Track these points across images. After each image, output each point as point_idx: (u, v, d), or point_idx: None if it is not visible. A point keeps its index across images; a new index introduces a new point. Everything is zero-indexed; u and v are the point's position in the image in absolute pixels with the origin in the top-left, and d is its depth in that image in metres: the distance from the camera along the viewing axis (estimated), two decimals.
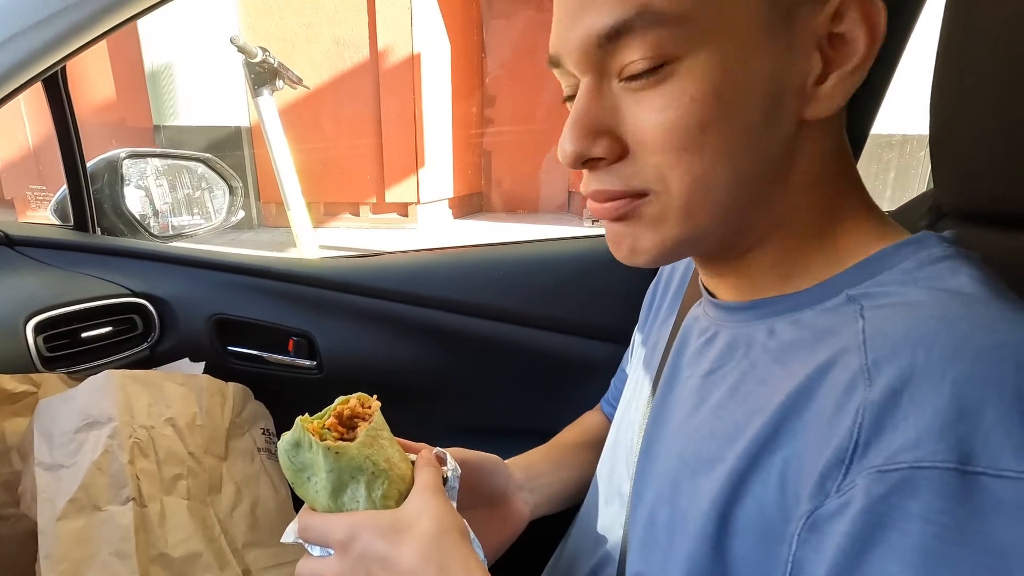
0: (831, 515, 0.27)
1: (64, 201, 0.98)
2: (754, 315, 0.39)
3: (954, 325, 0.27)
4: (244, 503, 0.76)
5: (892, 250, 0.34)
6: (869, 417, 0.27)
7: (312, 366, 0.94)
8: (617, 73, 0.33)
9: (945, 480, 0.24)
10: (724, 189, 0.34)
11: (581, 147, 0.34)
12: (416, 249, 1.03)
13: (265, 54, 2.31)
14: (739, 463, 0.33)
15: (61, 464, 0.62)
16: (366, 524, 0.38)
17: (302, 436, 0.40)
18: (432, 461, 0.44)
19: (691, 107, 0.31)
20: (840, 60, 0.33)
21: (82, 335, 0.82)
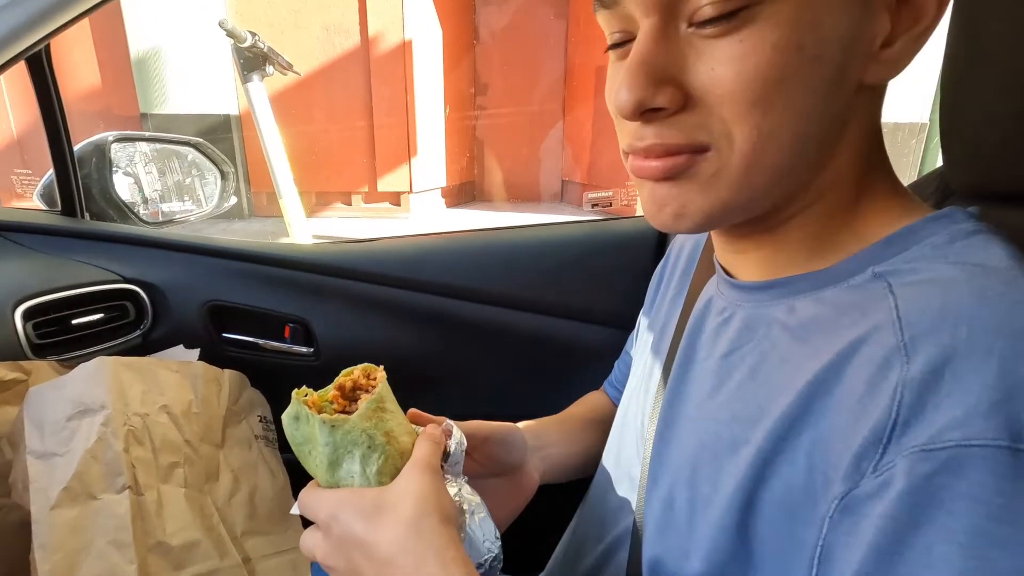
0: (868, 496, 0.26)
1: (51, 186, 0.95)
2: (773, 295, 0.38)
3: (994, 302, 0.27)
4: (242, 491, 0.75)
5: (920, 225, 0.33)
6: (909, 395, 0.26)
7: (309, 353, 0.92)
8: (688, 17, 0.31)
9: (996, 458, 0.23)
10: (787, 150, 0.32)
11: (642, 95, 0.31)
12: (415, 234, 1.02)
13: (255, 38, 2.27)
14: (765, 444, 0.32)
15: (54, 452, 0.61)
16: (347, 503, 0.37)
17: (300, 409, 0.40)
18: (433, 436, 0.42)
19: (773, 57, 0.29)
20: (908, 23, 0.31)
21: (72, 322, 0.80)
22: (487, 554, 0.42)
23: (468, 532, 0.41)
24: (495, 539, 0.42)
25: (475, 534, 0.42)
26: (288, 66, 2.48)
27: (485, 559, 0.42)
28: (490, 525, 0.43)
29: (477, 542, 0.42)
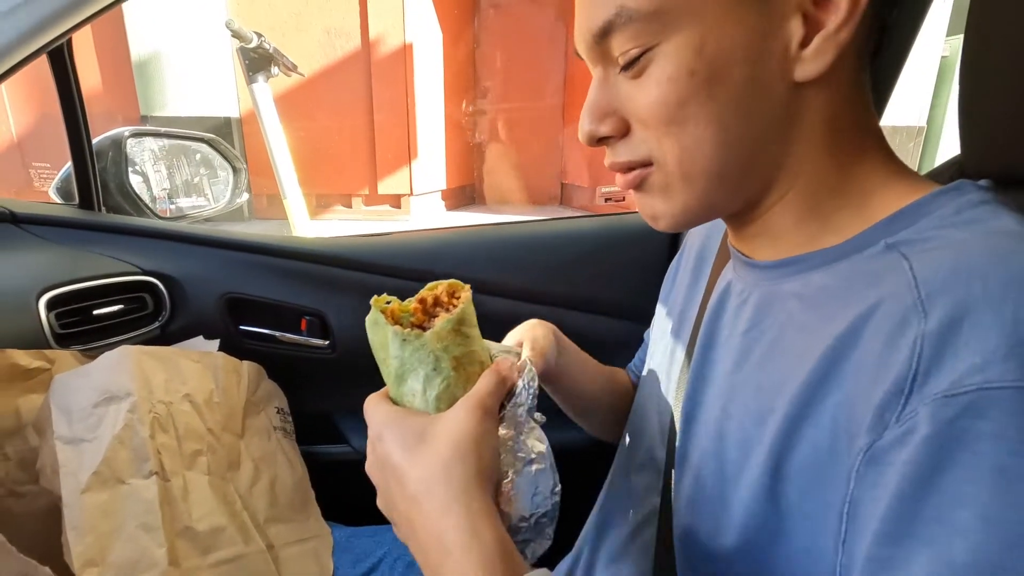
0: (891, 445, 0.27)
1: (68, 180, 0.96)
2: (788, 272, 0.39)
3: (1006, 259, 0.28)
4: (263, 480, 0.75)
5: (928, 199, 0.35)
6: (928, 347, 0.27)
7: (325, 345, 0.93)
8: (616, 63, 0.37)
9: (1017, 399, 0.24)
10: (714, 155, 0.36)
11: (590, 129, 0.40)
12: (430, 228, 1.03)
13: (260, 39, 2.27)
14: (790, 410, 0.33)
15: (82, 438, 0.61)
16: (395, 424, 0.38)
17: (378, 316, 0.39)
18: (500, 372, 0.40)
19: (669, 85, 0.35)
20: (824, 21, 0.34)
21: (93, 313, 0.80)
22: (535, 509, 0.39)
23: (516, 482, 0.38)
24: (550, 494, 0.39)
25: (524, 486, 0.38)
26: (293, 67, 2.49)
27: (531, 514, 0.39)
28: (548, 479, 0.39)
29: (524, 495, 0.38)
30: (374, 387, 1.08)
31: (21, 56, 0.70)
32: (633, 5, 0.34)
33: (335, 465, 0.94)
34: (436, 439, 0.36)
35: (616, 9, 0.35)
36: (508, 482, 0.38)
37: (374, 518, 0.87)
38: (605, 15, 0.35)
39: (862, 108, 0.38)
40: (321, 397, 0.96)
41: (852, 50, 0.35)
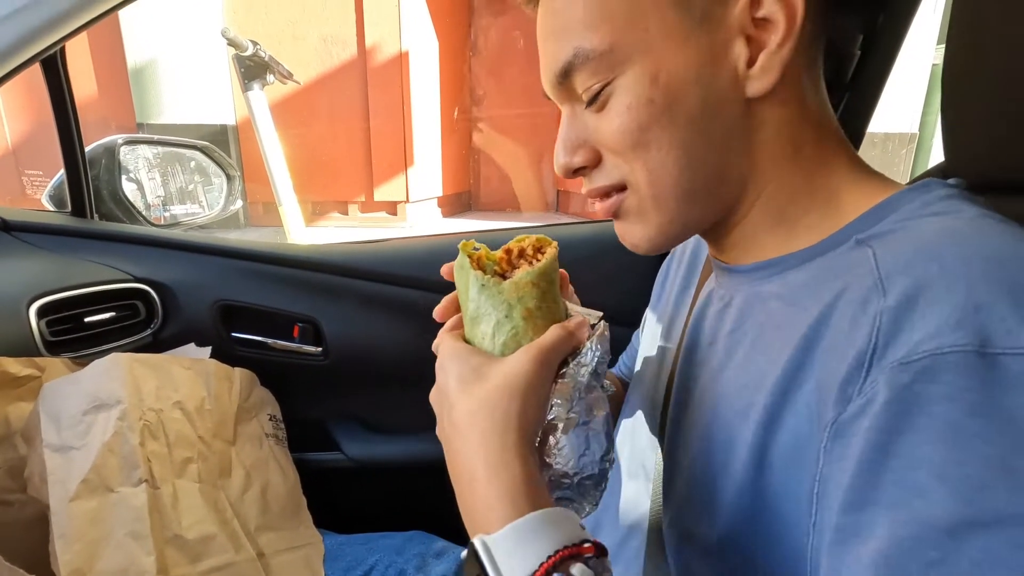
0: (854, 416, 0.28)
1: (61, 187, 0.96)
2: (767, 273, 0.40)
3: (963, 240, 0.30)
4: (254, 487, 0.75)
5: (897, 196, 0.36)
6: (887, 322, 0.28)
7: (318, 352, 0.93)
8: (580, 100, 0.40)
9: (967, 361, 0.25)
10: (680, 175, 0.38)
11: (565, 161, 0.42)
12: (424, 234, 1.03)
13: (256, 48, 2.29)
14: (769, 400, 0.35)
15: (71, 446, 0.61)
16: (457, 357, 0.39)
17: (464, 260, 0.41)
18: (568, 327, 0.40)
19: (629, 115, 0.38)
20: (766, 41, 0.36)
21: (85, 320, 0.80)
22: (579, 468, 0.39)
23: (563, 439, 0.39)
24: (599, 460, 0.39)
25: (572, 444, 0.39)
26: (288, 75, 2.50)
27: (575, 473, 0.39)
28: (600, 444, 0.39)
29: (571, 452, 0.39)
30: (366, 394, 1.07)
31: (13, 65, 0.71)
32: (588, 46, 0.37)
33: (327, 472, 0.94)
34: (490, 377, 0.37)
35: (573, 51, 0.38)
36: (555, 436, 0.39)
37: (366, 526, 0.87)
38: (565, 57, 0.38)
39: (820, 116, 0.40)
40: (313, 404, 0.96)
41: (800, 63, 0.38)
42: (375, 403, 0.97)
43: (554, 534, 0.32)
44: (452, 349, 0.40)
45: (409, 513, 0.92)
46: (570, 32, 0.38)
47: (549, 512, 0.33)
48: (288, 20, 5.13)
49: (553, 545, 0.31)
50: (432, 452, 0.95)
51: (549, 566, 0.30)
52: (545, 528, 0.32)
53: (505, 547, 0.32)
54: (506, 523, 0.32)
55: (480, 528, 0.34)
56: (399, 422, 0.97)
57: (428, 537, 0.82)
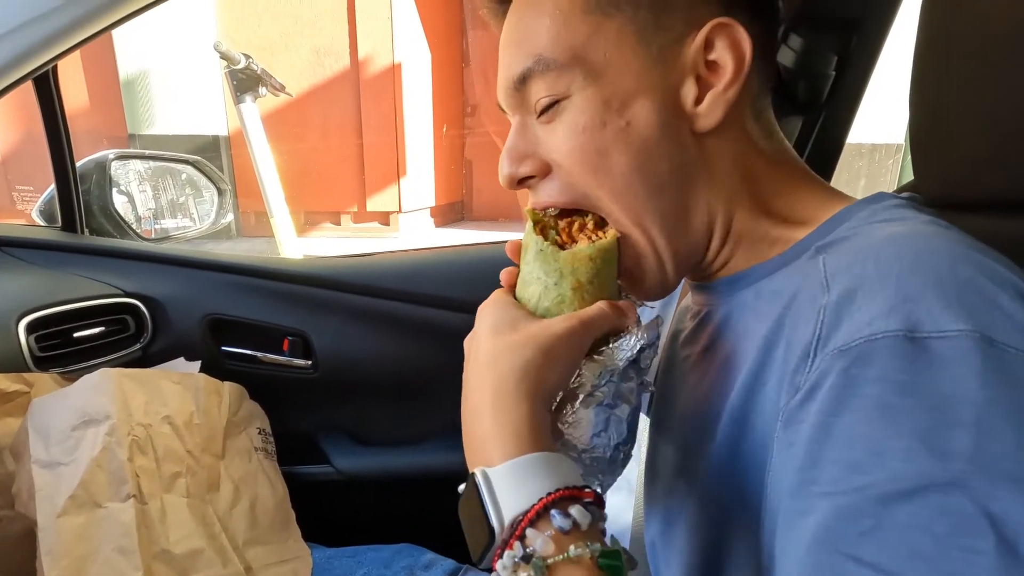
0: (801, 402, 0.30)
1: (51, 202, 0.96)
2: (740, 285, 0.42)
3: (897, 239, 0.33)
4: (243, 502, 0.75)
5: (851, 207, 0.39)
6: (829, 315, 0.31)
7: (307, 366, 0.94)
8: (533, 110, 0.41)
9: (897, 345, 0.27)
10: (648, 197, 0.40)
11: (510, 171, 0.42)
12: (412, 248, 1.04)
13: (248, 61, 2.30)
14: (737, 403, 0.36)
15: (59, 461, 0.62)
16: (498, 307, 0.40)
17: (530, 224, 0.42)
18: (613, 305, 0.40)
19: (585, 134, 0.39)
20: (714, 82, 0.39)
21: (74, 335, 0.81)
22: (590, 446, 0.39)
23: (580, 412, 0.39)
24: (613, 446, 0.39)
25: (588, 419, 0.39)
26: (281, 88, 2.51)
27: (584, 450, 0.39)
28: (618, 431, 0.39)
29: (585, 428, 0.39)
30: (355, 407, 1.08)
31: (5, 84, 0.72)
32: (549, 56, 0.39)
33: (316, 485, 0.94)
34: (522, 331, 0.38)
35: (534, 58, 0.39)
36: (573, 405, 0.39)
37: (355, 538, 0.87)
38: (525, 63, 0.39)
39: (772, 150, 0.42)
40: (303, 417, 0.97)
41: (746, 103, 0.40)
42: (364, 416, 0.98)
43: (555, 475, 0.32)
44: (496, 299, 0.42)
45: (398, 525, 0.92)
46: (533, 41, 0.39)
47: (553, 455, 0.34)
48: (281, 32, 5.16)
49: (554, 483, 0.32)
50: (422, 464, 0.96)
51: (548, 501, 0.31)
52: (547, 468, 0.33)
53: (505, 480, 0.32)
54: (508, 458, 0.33)
55: (481, 462, 0.34)
56: (388, 435, 0.98)
57: (416, 549, 0.83)
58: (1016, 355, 0.27)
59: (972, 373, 0.26)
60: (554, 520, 0.31)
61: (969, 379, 0.26)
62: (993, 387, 0.26)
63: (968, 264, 0.30)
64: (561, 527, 0.30)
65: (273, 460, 0.86)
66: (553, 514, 0.31)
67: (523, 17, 0.40)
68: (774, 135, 0.43)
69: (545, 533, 0.30)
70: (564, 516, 0.31)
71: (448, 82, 5.95)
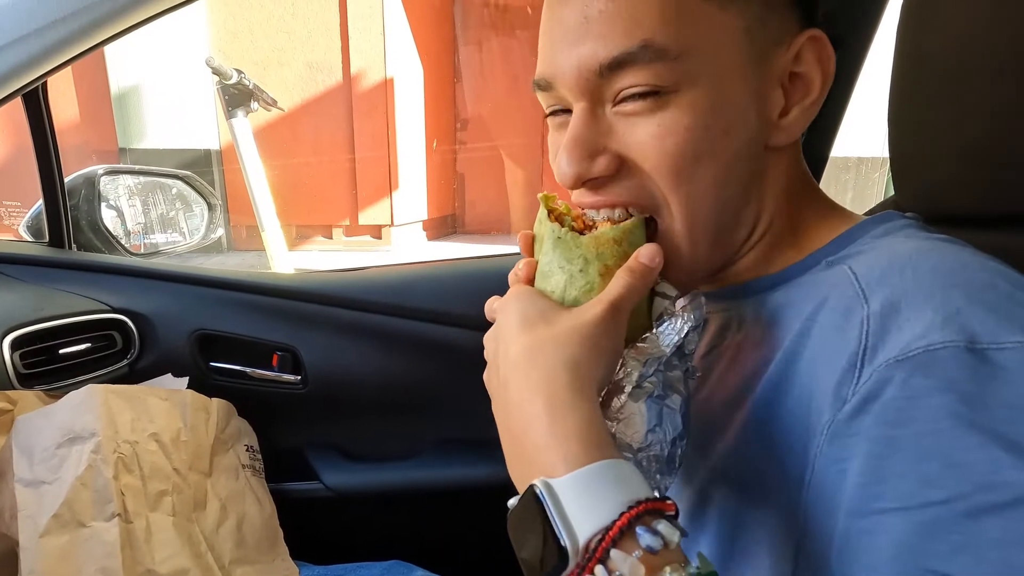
0: (851, 415, 0.29)
1: (39, 217, 0.96)
2: (744, 293, 0.42)
3: (928, 254, 0.33)
4: (230, 520, 0.74)
5: (861, 225, 0.39)
6: (874, 325, 0.30)
7: (297, 381, 0.93)
8: (612, 99, 0.36)
9: (959, 355, 0.27)
10: (715, 211, 0.37)
11: (580, 168, 0.37)
12: (402, 262, 1.04)
13: (240, 76, 2.31)
14: (752, 414, 0.36)
15: (42, 480, 0.61)
16: (523, 297, 0.36)
17: (543, 213, 0.39)
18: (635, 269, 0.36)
19: (687, 136, 0.35)
20: (798, 96, 0.38)
21: (59, 352, 0.80)
22: (644, 443, 0.35)
23: (629, 405, 0.35)
24: (669, 442, 0.35)
25: (638, 412, 0.35)
26: (272, 102, 2.52)
27: (639, 448, 0.35)
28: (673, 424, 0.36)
29: (639, 424, 0.35)
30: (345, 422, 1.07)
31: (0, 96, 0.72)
32: (661, 42, 0.33)
33: (305, 503, 0.93)
34: (556, 321, 0.34)
35: (641, 43, 0.33)
36: (620, 399, 0.35)
37: (344, 556, 0.86)
38: (625, 46, 0.34)
39: (803, 167, 0.42)
40: (292, 433, 0.96)
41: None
42: (354, 431, 0.97)
43: (630, 485, 0.28)
44: (519, 291, 0.37)
45: (388, 542, 0.91)
46: (637, 20, 0.33)
47: (624, 463, 0.30)
48: (273, 47, 5.19)
49: (631, 495, 0.28)
50: (412, 480, 0.95)
51: (631, 516, 0.27)
52: (621, 477, 0.29)
53: (576, 492, 0.28)
54: (576, 466, 0.28)
55: (539, 472, 0.30)
56: (378, 450, 0.97)
57: (407, 567, 0.82)
58: None
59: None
60: (641, 539, 0.26)
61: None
62: None
63: (1002, 276, 0.30)
64: (650, 547, 0.26)
65: (261, 477, 0.85)
66: (639, 532, 0.27)
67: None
68: (801, 151, 0.43)
69: (633, 555, 0.26)
70: (652, 534, 0.27)
71: (440, 97, 5.99)
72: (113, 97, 5.13)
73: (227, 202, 5.38)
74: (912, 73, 0.48)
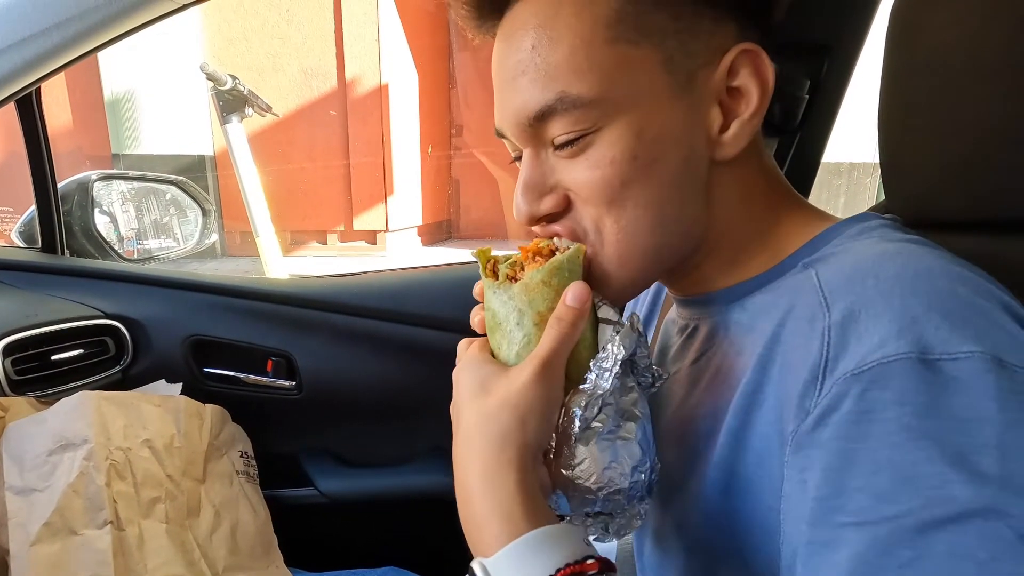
0: (813, 426, 0.30)
1: (31, 223, 0.95)
2: (725, 300, 0.42)
3: (892, 258, 0.33)
4: (224, 527, 0.74)
5: (837, 226, 0.39)
6: (835, 335, 0.30)
7: (291, 386, 0.93)
8: (550, 143, 0.38)
9: (912, 367, 0.28)
10: (652, 233, 0.39)
11: (532, 208, 0.40)
12: (397, 267, 1.04)
13: (235, 82, 2.31)
14: (734, 423, 0.36)
15: (33, 488, 0.60)
16: (468, 369, 0.38)
17: (480, 263, 0.38)
18: (563, 321, 0.36)
19: (613, 169, 0.37)
20: (738, 110, 0.38)
21: (52, 358, 0.79)
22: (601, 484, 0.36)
23: (580, 449, 0.36)
24: (630, 471, 0.36)
25: (590, 455, 0.35)
26: (267, 108, 2.52)
27: (600, 488, 0.36)
28: (631, 454, 0.36)
29: (591, 467, 0.35)
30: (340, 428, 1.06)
31: None
32: (575, 92, 0.36)
33: (300, 509, 0.93)
34: (492, 393, 0.36)
35: (557, 95, 0.36)
36: (570, 447, 0.36)
37: (339, 562, 0.86)
38: (543, 100, 0.36)
39: (768, 170, 0.43)
40: (287, 439, 0.95)
41: (756, 136, 0.40)
42: (349, 437, 0.97)
43: (554, 552, 0.31)
44: (467, 359, 0.39)
45: (383, 548, 0.91)
46: (552, 74, 0.36)
47: (548, 529, 0.32)
48: (268, 53, 5.19)
49: (554, 564, 0.30)
50: (407, 486, 0.95)
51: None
52: (544, 546, 0.31)
53: (504, 570, 0.31)
54: (503, 542, 0.31)
55: (478, 548, 0.33)
56: (373, 456, 0.97)
57: (402, 573, 0.81)
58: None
59: (989, 395, 0.26)
60: None
61: (987, 400, 0.26)
62: (1011, 408, 0.26)
63: (964, 283, 0.30)
64: None
65: (255, 484, 0.84)
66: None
67: (534, 45, 0.37)
68: (768, 155, 0.43)
69: None
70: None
71: (435, 103, 6.01)
72: (106, 103, 5.12)
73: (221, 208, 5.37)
74: (902, 79, 0.48)
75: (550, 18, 0.36)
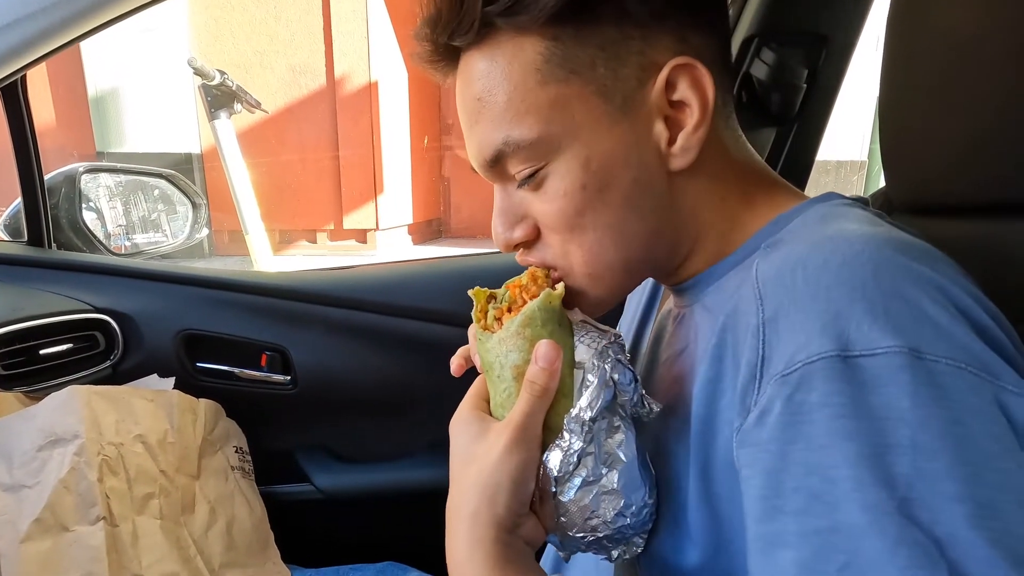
0: (753, 426, 0.31)
1: (17, 216, 0.93)
2: (702, 285, 0.43)
3: (822, 245, 0.33)
4: (219, 523, 0.73)
5: (801, 206, 0.40)
6: (768, 333, 0.31)
7: (286, 381, 0.91)
8: (512, 179, 0.41)
9: (833, 367, 0.28)
10: (616, 252, 0.40)
11: (507, 236, 0.42)
12: (392, 260, 1.03)
13: (223, 77, 2.28)
14: (702, 411, 0.36)
15: (23, 484, 0.59)
16: (456, 427, 0.40)
17: (475, 303, 0.39)
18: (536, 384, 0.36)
19: (566, 200, 0.39)
20: (684, 122, 0.39)
21: (40, 352, 0.77)
22: (584, 533, 0.36)
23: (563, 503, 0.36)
24: (610, 520, 0.36)
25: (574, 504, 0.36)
26: (256, 104, 2.50)
27: (586, 535, 0.36)
28: (611, 504, 0.36)
29: (575, 515, 0.36)
30: (336, 423, 1.06)
31: None
32: (516, 135, 0.38)
33: (296, 505, 0.92)
34: (472, 462, 0.37)
35: (503, 139, 0.39)
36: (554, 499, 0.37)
37: (337, 558, 0.85)
38: (494, 144, 0.39)
39: (739, 163, 0.43)
40: (282, 434, 0.94)
41: (719, 126, 0.40)
42: (345, 432, 0.96)
43: None
44: (460, 411, 0.41)
45: (381, 544, 0.90)
46: (497, 121, 0.38)
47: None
48: (256, 50, 5.14)
49: None
50: (404, 480, 0.94)
51: None
52: None
53: None
54: None
55: None
56: (369, 451, 0.96)
57: (401, 568, 0.81)
58: (944, 365, 0.27)
59: (903, 392, 0.27)
60: None
61: (901, 399, 0.27)
62: (924, 405, 0.26)
63: (892, 270, 0.30)
64: None
65: (250, 479, 0.83)
66: None
67: (477, 94, 0.39)
68: (739, 139, 0.43)
69: None
70: None
71: (425, 100, 5.98)
72: (91, 100, 5.05)
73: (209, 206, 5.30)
74: (902, 65, 0.48)
75: (489, 69, 0.38)
